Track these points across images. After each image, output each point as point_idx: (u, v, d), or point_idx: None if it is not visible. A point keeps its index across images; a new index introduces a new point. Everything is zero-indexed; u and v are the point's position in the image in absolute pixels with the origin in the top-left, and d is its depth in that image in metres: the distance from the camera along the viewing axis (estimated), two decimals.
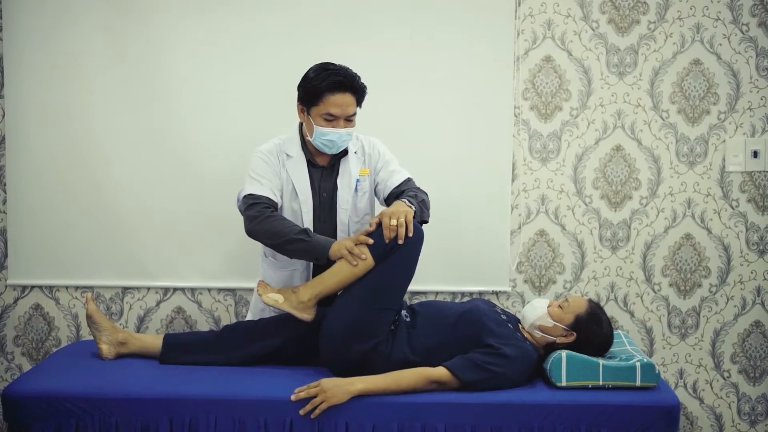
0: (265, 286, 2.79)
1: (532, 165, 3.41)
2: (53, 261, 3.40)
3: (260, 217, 2.76)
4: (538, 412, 2.53)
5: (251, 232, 2.80)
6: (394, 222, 2.65)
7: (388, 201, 2.94)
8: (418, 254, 2.73)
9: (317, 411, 2.48)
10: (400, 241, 2.65)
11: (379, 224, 2.68)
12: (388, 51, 3.31)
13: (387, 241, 2.65)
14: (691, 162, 3.40)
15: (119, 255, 3.40)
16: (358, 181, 2.92)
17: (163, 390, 2.55)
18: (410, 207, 2.73)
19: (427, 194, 2.89)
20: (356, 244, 2.68)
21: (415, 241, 2.69)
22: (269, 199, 2.81)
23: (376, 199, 3.02)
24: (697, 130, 3.39)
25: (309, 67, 2.84)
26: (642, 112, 3.39)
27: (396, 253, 2.67)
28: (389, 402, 2.53)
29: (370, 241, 2.67)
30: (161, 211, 3.37)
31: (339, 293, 2.76)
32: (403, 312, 2.77)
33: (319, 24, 3.32)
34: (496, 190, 3.38)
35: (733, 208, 3.41)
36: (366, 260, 2.67)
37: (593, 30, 3.36)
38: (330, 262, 2.74)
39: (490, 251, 3.38)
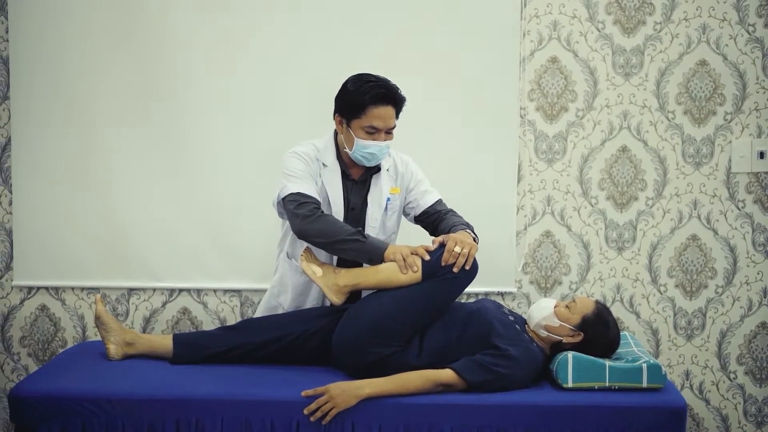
0: (309, 255, 2.78)
1: (538, 166, 3.41)
2: (59, 262, 3.40)
3: (312, 216, 2.71)
4: (544, 413, 2.53)
5: (302, 231, 2.74)
6: (458, 249, 2.64)
7: (419, 219, 2.95)
8: (464, 289, 2.74)
9: (328, 417, 2.48)
10: (456, 270, 2.65)
11: (441, 245, 2.68)
12: (391, 51, 3.31)
13: (444, 264, 2.65)
14: (698, 163, 3.40)
15: (125, 256, 3.40)
16: (388, 200, 2.90)
17: (170, 391, 2.55)
18: (475, 242, 2.73)
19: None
20: (412, 253, 2.67)
21: (469, 275, 2.69)
22: (317, 200, 2.78)
23: (403, 218, 3.01)
24: (703, 131, 3.39)
25: (346, 78, 2.81)
26: (648, 113, 3.38)
27: (444, 280, 2.66)
28: (396, 403, 2.52)
29: (427, 257, 2.66)
30: (167, 212, 3.37)
31: (368, 294, 2.77)
32: None
33: (321, 25, 3.31)
34: (502, 191, 3.38)
35: (739, 209, 3.41)
36: (416, 273, 2.66)
37: (599, 31, 3.36)
38: (354, 263, 2.77)
39: (496, 252, 3.38)
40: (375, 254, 2.70)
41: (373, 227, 2.88)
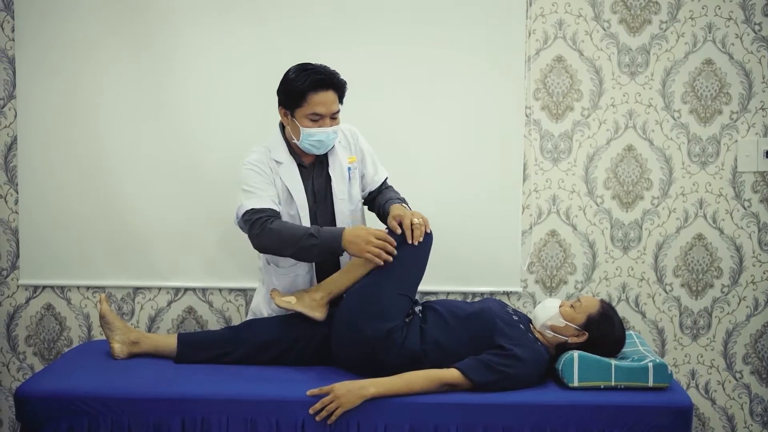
0: (277, 292, 2.85)
1: (544, 165, 3.40)
2: (65, 261, 3.41)
3: (263, 232, 2.75)
4: (550, 412, 2.53)
5: (261, 247, 2.82)
6: (416, 221, 2.73)
7: (368, 197, 3.01)
8: (429, 252, 2.80)
9: (333, 417, 2.49)
10: (420, 239, 2.72)
11: (400, 226, 2.74)
12: (397, 51, 3.31)
13: (417, 242, 2.73)
14: (703, 162, 3.39)
15: (130, 255, 3.40)
16: (349, 169, 2.94)
17: (176, 390, 2.56)
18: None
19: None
20: (378, 239, 2.70)
21: (430, 236, 2.78)
22: (271, 210, 2.80)
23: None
24: (709, 130, 3.38)
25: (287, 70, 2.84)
26: (654, 112, 3.38)
27: (410, 248, 2.72)
28: (401, 402, 2.53)
29: (394, 243, 2.71)
30: (172, 212, 3.38)
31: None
32: (417, 308, 2.78)
33: (324, 24, 3.31)
34: (507, 191, 3.38)
35: (745, 209, 3.40)
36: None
37: (605, 30, 3.35)
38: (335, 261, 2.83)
39: (501, 251, 3.38)
40: (334, 245, 2.73)
41: (341, 199, 2.91)
